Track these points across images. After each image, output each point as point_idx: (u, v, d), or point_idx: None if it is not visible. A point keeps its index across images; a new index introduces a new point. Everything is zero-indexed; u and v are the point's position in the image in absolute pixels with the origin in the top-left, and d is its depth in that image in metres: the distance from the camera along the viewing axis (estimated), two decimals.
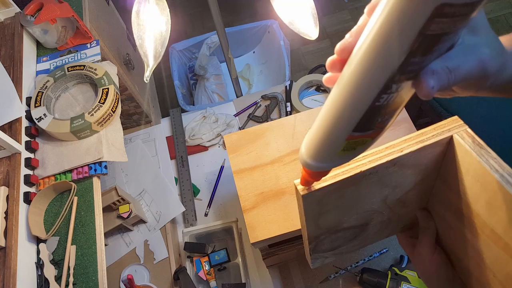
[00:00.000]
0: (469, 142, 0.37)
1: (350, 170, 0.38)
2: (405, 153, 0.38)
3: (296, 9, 0.66)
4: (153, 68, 0.67)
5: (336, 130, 0.28)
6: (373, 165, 0.38)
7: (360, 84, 0.24)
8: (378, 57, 0.23)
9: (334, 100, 0.26)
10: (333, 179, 0.38)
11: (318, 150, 0.30)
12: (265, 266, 0.92)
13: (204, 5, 0.96)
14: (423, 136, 0.39)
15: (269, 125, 0.78)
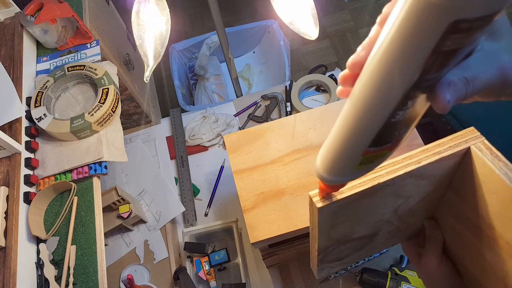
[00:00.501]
0: (487, 154, 0.36)
1: (368, 182, 0.37)
2: (422, 165, 0.37)
3: (296, 9, 0.66)
4: (153, 68, 0.67)
5: (351, 146, 0.27)
6: (390, 176, 0.37)
7: (374, 103, 0.23)
8: (389, 76, 0.21)
9: (348, 116, 0.26)
10: (351, 191, 0.37)
11: (333, 165, 0.30)
12: (265, 266, 0.92)
13: (204, 5, 0.96)
14: (440, 147, 0.38)
15: (269, 125, 0.78)
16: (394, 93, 0.22)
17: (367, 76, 0.23)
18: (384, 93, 0.22)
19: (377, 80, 0.22)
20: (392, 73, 0.21)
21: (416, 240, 0.56)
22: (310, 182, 0.70)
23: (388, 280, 0.83)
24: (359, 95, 0.24)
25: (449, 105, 0.22)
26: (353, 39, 2.09)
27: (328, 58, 2.05)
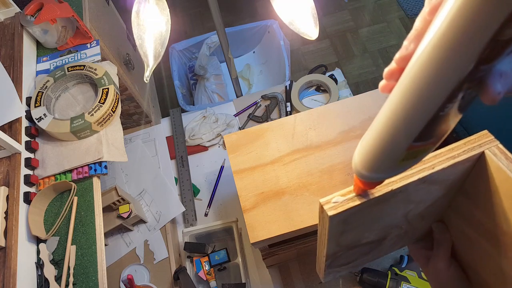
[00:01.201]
0: (502, 158, 0.35)
1: (381, 189, 0.36)
2: (436, 170, 0.36)
3: (296, 9, 0.66)
4: (153, 68, 0.67)
5: (396, 141, 0.26)
6: (404, 183, 0.36)
7: (424, 96, 0.22)
8: (443, 67, 0.21)
9: (393, 110, 0.25)
10: (363, 199, 0.36)
11: (375, 161, 0.29)
12: (265, 266, 0.92)
13: (204, 5, 0.96)
14: (454, 152, 0.37)
15: (269, 125, 0.78)
16: (447, 85, 0.21)
17: (418, 68, 0.22)
18: (436, 85, 0.21)
19: (429, 71, 0.21)
20: (446, 64, 0.20)
21: (423, 242, 0.55)
22: (310, 182, 0.70)
23: (388, 280, 0.83)
24: (407, 88, 0.23)
25: (499, 96, 0.21)
26: (353, 39, 2.09)
27: (328, 58, 2.05)
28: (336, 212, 0.35)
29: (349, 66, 2.01)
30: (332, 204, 0.36)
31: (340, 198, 0.36)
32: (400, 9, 2.14)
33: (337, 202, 0.36)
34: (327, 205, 0.36)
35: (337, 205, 0.36)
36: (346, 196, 0.37)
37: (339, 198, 0.36)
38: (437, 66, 0.21)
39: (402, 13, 2.13)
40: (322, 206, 0.36)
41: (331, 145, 0.73)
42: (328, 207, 0.36)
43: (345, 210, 0.35)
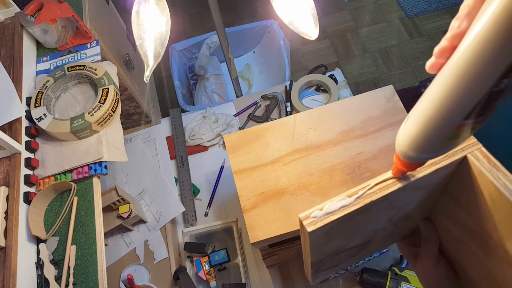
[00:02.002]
0: (484, 163, 0.35)
1: (360, 201, 0.36)
2: (417, 178, 0.36)
3: (296, 9, 0.66)
4: (153, 68, 0.67)
5: (446, 119, 0.26)
6: (384, 193, 0.36)
7: (478, 71, 0.22)
8: (501, 40, 0.20)
9: (444, 88, 0.25)
10: (342, 212, 0.35)
11: (422, 141, 0.28)
12: (265, 266, 0.92)
13: (204, 5, 0.96)
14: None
15: (269, 125, 0.78)
16: (503, 59, 0.21)
17: (473, 44, 0.22)
18: (493, 59, 0.21)
19: (485, 46, 0.21)
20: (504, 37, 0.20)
21: (411, 239, 0.55)
22: (310, 182, 0.70)
23: (388, 280, 0.83)
24: (463, 64, 0.23)
25: None
26: (353, 39, 2.09)
27: (328, 58, 2.05)
28: (315, 227, 0.35)
29: (349, 66, 2.01)
30: (311, 219, 0.36)
31: (319, 213, 0.36)
32: (400, 9, 2.14)
33: (316, 217, 0.36)
34: (306, 221, 0.36)
35: (316, 220, 0.36)
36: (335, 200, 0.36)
37: (318, 213, 0.36)
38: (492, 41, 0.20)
39: (402, 13, 2.13)
40: (302, 222, 0.36)
41: (331, 145, 0.73)
42: (307, 223, 0.36)
43: (325, 225, 0.35)
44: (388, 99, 0.78)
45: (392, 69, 1.96)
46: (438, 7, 2.10)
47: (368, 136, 0.73)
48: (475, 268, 0.44)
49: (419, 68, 1.93)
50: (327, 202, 0.36)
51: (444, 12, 2.09)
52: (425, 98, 0.27)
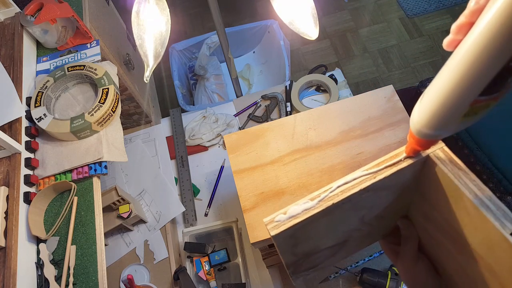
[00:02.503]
0: (446, 162, 0.35)
1: (322, 203, 0.36)
2: (378, 180, 0.36)
3: (296, 9, 0.66)
4: (153, 68, 0.67)
5: (461, 95, 0.26)
6: (345, 195, 0.36)
7: (495, 45, 0.22)
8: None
9: (460, 63, 0.25)
10: (305, 215, 0.36)
11: (437, 118, 0.29)
12: (265, 266, 0.92)
13: (204, 5, 0.96)
14: (397, 158, 0.37)
15: (269, 125, 0.78)
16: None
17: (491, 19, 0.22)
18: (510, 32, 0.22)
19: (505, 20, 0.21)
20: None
21: (393, 238, 0.56)
22: (310, 182, 0.70)
23: (388, 280, 0.83)
24: (478, 39, 0.23)
25: None
26: (353, 39, 2.09)
27: (328, 58, 2.05)
28: (278, 231, 0.36)
29: (349, 66, 2.01)
30: (275, 223, 0.37)
31: (283, 217, 0.37)
32: (400, 9, 2.14)
33: (279, 221, 0.37)
34: (270, 225, 0.36)
35: (279, 224, 0.36)
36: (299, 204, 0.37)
37: (281, 217, 0.37)
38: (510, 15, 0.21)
39: (402, 13, 2.13)
40: (266, 226, 0.36)
41: (331, 145, 0.73)
42: (271, 227, 0.36)
43: (287, 228, 0.36)
44: (388, 99, 0.78)
45: (392, 69, 1.96)
46: (438, 7, 2.10)
47: (368, 136, 0.73)
48: (451, 265, 0.45)
49: (419, 68, 1.93)
50: (291, 205, 0.37)
51: (444, 12, 2.09)
52: (441, 74, 0.27)
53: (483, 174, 1.13)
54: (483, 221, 0.32)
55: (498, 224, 0.31)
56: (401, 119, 0.75)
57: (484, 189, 0.33)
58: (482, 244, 0.35)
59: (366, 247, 0.92)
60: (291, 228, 0.36)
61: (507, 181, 1.05)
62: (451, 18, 2.06)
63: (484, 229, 0.33)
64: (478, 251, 0.36)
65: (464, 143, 1.14)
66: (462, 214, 0.36)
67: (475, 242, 0.36)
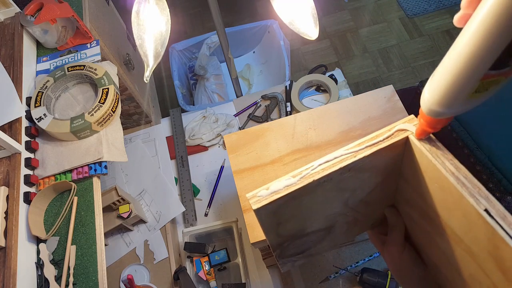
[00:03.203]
0: (424, 141, 0.36)
1: (303, 180, 0.36)
2: (358, 158, 0.36)
3: (296, 9, 0.66)
4: (153, 68, 0.67)
5: (471, 69, 0.26)
6: (326, 173, 0.36)
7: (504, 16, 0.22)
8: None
9: (470, 36, 0.25)
10: (286, 191, 0.36)
11: (448, 94, 0.29)
12: (265, 266, 0.92)
13: (204, 5, 0.96)
14: (377, 139, 0.37)
15: (269, 125, 0.78)
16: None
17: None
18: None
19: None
20: None
21: (381, 228, 0.56)
22: None
23: (388, 280, 0.83)
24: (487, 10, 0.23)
25: None
26: (353, 39, 2.09)
27: (328, 58, 2.05)
28: (260, 205, 0.36)
29: (349, 66, 2.01)
30: (257, 198, 0.37)
31: (265, 192, 0.37)
32: (400, 9, 2.14)
33: (261, 196, 0.37)
34: (252, 199, 0.37)
35: (261, 198, 0.37)
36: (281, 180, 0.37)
37: (264, 192, 0.37)
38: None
39: (402, 13, 2.13)
40: (249, 201, 0.37)
41: (331, 145, 0.73)
42: (253, 201, 0.37)
43: (269, 203, 0.36)
44: (388, 99, 0.78)
45: (392, 69, 1.96)
46: (438, 7, 2.10)
47: None
48: (434, 252, 0.45)
49: (419, 68, 1.93)
50: (273, 181, 0.38)
51: (444, 12, 2.09)
52: (451, 50, 0.27)
53: (483, 174, 1.13)
54: (459, 199, 0.32)
55: (472, 201, 0.31)
56: (400, 118, 0.75)
57: (460, 167, 0.33)
58: (461, 225, 0.35)
59: (366, 248, 0.92)
60: (272, 203, 0.36)
61: (507, 181, 1.05)
62: (451, 18, 2.06)
63: (461, 207, 0.33)
64: (457, 232, 0.36)
65: (464, 143, 1.14)
66: (440, 195, 0.36)
67: (454, 223, 0.36)
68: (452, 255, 0.40)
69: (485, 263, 0.34)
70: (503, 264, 0.31)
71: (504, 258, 0.31)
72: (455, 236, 0.37)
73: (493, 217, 0.30)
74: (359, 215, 0.51)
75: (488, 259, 0.33)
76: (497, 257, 0.32)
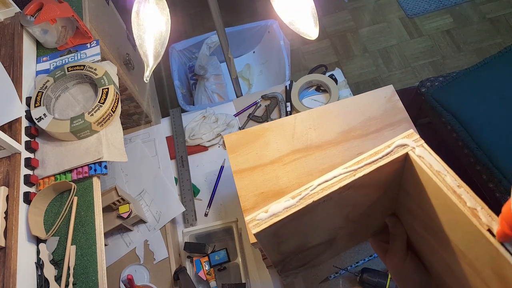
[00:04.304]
0: (424, 159, 0.35)
1: (303, 201, 0.36)
2: (358, 177, 0.36)
3: (296, 9, 0.66)
4: (153, 68, 0.67)
5: None
6: (325, 193, 0.36)
7: None
8: None
9: None
10: (286, 213, 0.36)
11: None
12: (265, 266, 0.92)
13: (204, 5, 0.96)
14: (377, 156, 0.37)
15: (269, 125, 0.78)
16: None
17: None
18: None
19: None
20: None
21: (382, 235, 0.56)
22: (310, 182, 0.70)
23: (388, 280, 0.83)
24: None
25: None
26: (353, 39, 2.09)
27: (328, 58, 2.05)
28: (260, 229, 0.36)
29: (349, 66, 2.01)
30: (256, 221, 0.37)
31: (264, 215, 0.37)
32: (400, 9, 2.14)
33: (261, 219, 0.37)
34: (251, 223, 0.37)
35: (260, 222, 0.37)
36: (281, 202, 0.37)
37: (263, 215, 0.37)
38: None
39: (402, 13, 2.12)
40: (247, 224, 0.37)
41: (331, 145, 0.73)
42: (252, 225, 0.36)
43: (269, 226, 0.36)
44: (388, 99, 0.78)
45: (392, 69, 1.96)
46: (438, 7, 2.10)
47: (368, 136, 0.73)
48: (437, 262, 0.45)
49: (419, 68, 1.93)
50: (272, 204, 0.37)
51: (444, 12, 2.09)
52: None
53: (483, 174, 1.13)
54: (461, 217, 0.32)
55: (475, 220, 0.31)
56: (401, 119, 0.75)
57: (462, 184, 0.33)
58: (463, 240, 0.35)
59: (366, 247, 0.92)
60: (272, 226, 0.36)
61: (507, 181, 1.05)
62: (451, 18, 2.06)
63: (463, 225, 0.33)
64: (460, 247, 0.36)
65: (464, 143, 1.14)
66: (442, 210, 0.36)
67: (457, 238, 0.36)
68: (456, 267, 0.39)
69: (489, 280, 0.34)
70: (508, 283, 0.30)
71: (508, 278, 0.30)
72: (459, 251, 0.37)
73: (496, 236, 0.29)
74: (359, 226, 0.51)
75: (492, 276, 0.33)
76: (501, 276, 0.31)
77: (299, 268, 0.56)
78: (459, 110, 1.17)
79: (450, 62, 1.92)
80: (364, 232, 0.55)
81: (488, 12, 2.05)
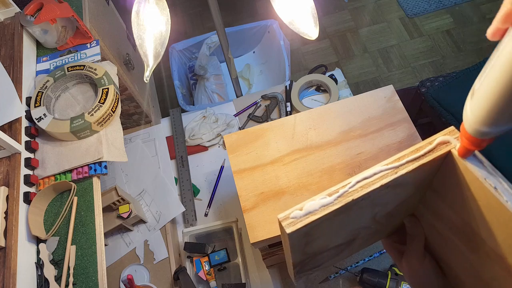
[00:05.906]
0: (469, 160, 0.33)
1: (341, 199, 0.34)
2: (400, 175, 0.34)
3: (296, 9, 0.66)
4: (153, 68, 0.67)
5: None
6: (366, 191, 0.34)
7: None
8: None
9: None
10: (323, 212, 0.34)
11: (495, 111, 0.26)
12: (265, 266, 0.92)
13: (204, 5, 0.96)
14: (418, 153, 0.35)
15: (269, 125, 0.78)
16: None
17: None
18: None
19: None
20: None
21: (396, 236, 0.54)
22: (310, 182, 0.70)
23: (388, 280, 0.83)
24: None
25: None
26: (353, 39, 2.09)
27: (328, 58, 2.05)
28: (295, 228, 0.34)
29: (349, 66, 2.01)
30: (291, 220, 0.34)
31: (299, 213, 0.34)
32: (400, 9, 2.14)
33: (295, 218, 0.34)
34: (285, 221, 0.34)
35: (295, 220, 0.34)
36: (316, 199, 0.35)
37: (297, 213, 0.34)
38: None
39: (402, 13, 2.13)
40: (281, 223, 0.34)
41: (331, 145, 0.73)
42: (286, 224, 0.34)
43: (305, 225, 0.34)
44: (388, 99, 0.78)
45: (392, 69, 1.96)
46: (438, 7, 2.10)
47: (368, 136, 0.73)
48: (460, 265, 0.43)
49: (419, 68, 1.93)
50: (307, 201, 0.35)
51: (444, 12, 2.09)
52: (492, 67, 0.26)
53: None
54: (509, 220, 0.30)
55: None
56: (401, 119, 0.75)
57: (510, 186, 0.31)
58: (504, 244, 0.33)
59: (366, 248, 0.92)
60: (308, 225, 0.34)
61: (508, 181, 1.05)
62: (451, 18, 2.06)
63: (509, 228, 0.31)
64: (498, 250, 0.34)
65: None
66: (484, 212, 0.34)
67: (496, 241, 0.34)
68: (486, 271, 0.38)
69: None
70: None
71: None
72: (495, 255, 0.35)
73: None
74: (381, 227, 0.49)
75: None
76: None
77: (313, 269, 0.55)
78: (459, 110, 1.17)
79: (450, 62, 1.93)
80: (380, 233, 0.53)
81: (488, 12, 2.05)
